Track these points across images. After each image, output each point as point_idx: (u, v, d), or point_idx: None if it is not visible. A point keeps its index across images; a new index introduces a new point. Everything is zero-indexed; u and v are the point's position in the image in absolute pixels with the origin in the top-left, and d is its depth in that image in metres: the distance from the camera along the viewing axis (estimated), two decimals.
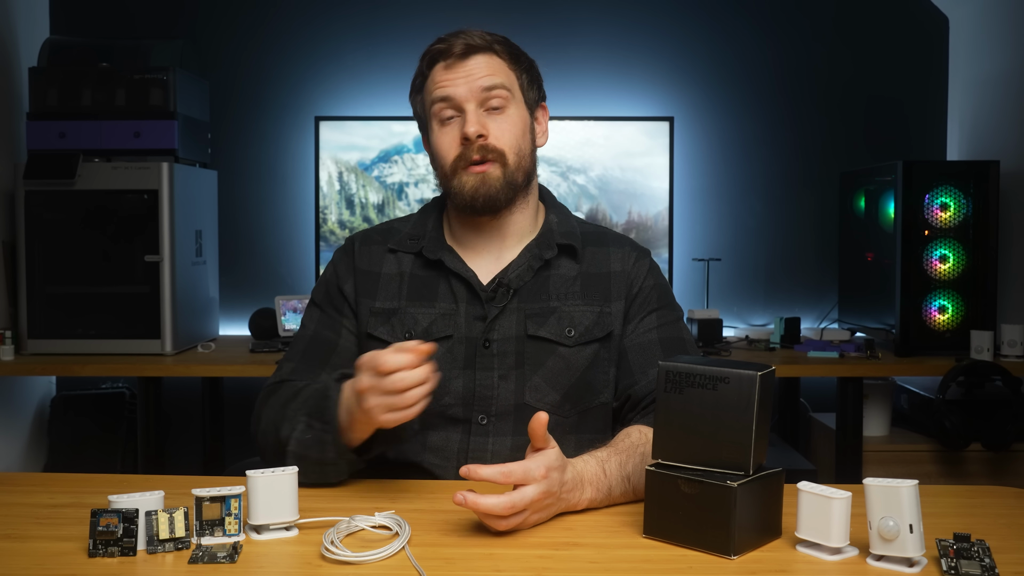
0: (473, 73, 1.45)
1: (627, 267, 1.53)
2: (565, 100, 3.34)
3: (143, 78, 2.92)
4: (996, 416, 2.76)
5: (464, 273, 1.48)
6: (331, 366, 1.48)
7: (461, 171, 1.45)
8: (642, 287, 1.52)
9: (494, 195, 1.45)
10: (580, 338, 1.47)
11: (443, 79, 1.46)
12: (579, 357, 1.47)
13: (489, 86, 1.45)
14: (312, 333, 1.53)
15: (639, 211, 3.23)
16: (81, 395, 3.26)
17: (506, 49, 1.49)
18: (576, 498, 1.22)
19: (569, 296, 1.49)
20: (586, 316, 1.48)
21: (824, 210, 3.45)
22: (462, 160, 1.45)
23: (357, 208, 3.23)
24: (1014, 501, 1.31)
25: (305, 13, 3.43)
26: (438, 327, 1.47)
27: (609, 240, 1.56)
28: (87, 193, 2.83)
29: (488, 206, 1.46)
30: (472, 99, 1.45)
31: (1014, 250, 3.07)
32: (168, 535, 1.08)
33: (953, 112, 3.46)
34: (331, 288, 1.55)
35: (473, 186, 1.44)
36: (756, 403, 1.07)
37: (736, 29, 3.44)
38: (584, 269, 1.52)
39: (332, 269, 1.57)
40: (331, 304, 1.54)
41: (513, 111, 1.48)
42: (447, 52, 1.46)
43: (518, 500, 1.13)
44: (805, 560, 1.07)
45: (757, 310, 3.47)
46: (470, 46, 1.46)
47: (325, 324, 1.53)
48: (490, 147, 1.45)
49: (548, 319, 1.47)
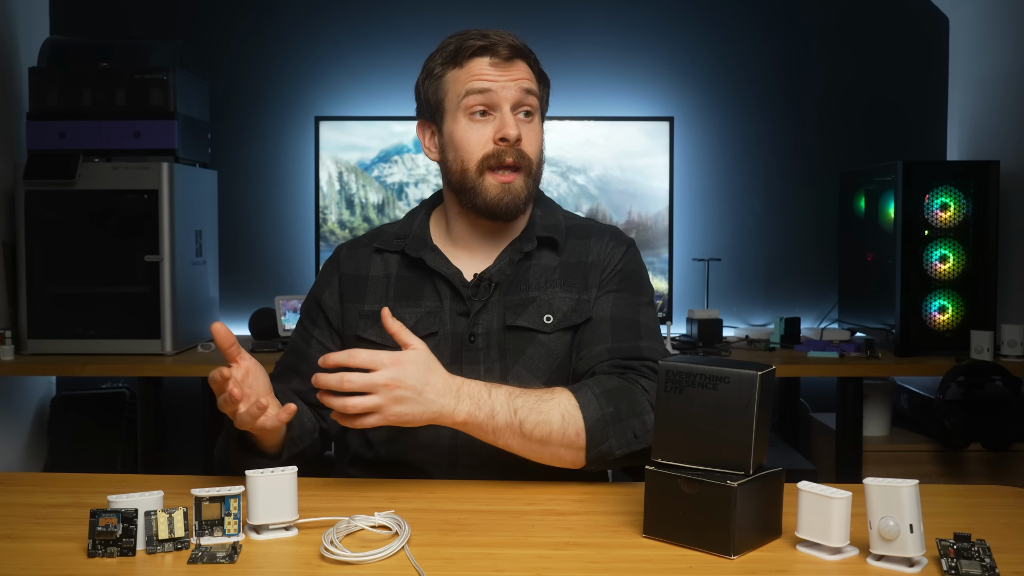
0: (514, 75, 1.46)
1: (603, 255, 1.53)
2: (565, 100, 3.34)
3: (143, 78, 2.92)
4: (996, 416, 2.76)
5: (445, 271, 1.49)
6: (299, 374, 1.53)
7: (488, 172, 1.45)
8: (612, 269, 1.52)
9: (518, 204, 1.46)
10: (558, 324, 1.47)
11: (484, 73, 1.45)
12: (559, 343, 1.47)
13: (527, 90, 1.47)
14: (291, 344, 1.59)
15: (639, 211, 3.23)
16: (81, 395, 3.26)
17: (536, 62, 1.52)
18: (449, 405, 1.28)
19: (548, 285, 1.50)
20: (564, 303, 1.48)
21: (824, 210, 3.45)
22: (493, 159, 1.45)
23: (357, 208, 3.23)
24: (1014, 501, 1.31)
25: (305, 13, 3.43)
26: (423, 325, 1.48)
27: (592, 232, 1.56)
28: (87, 193, 2.83)
29: (509, 214, 1.47)
30: (511, 100, 1.45)
31: (1014, 250, 3.07)
32: (167, 535, 1.08)
33: (953, 112, 3.46)
34: (310, 300, 1.58)
35: (498, 193, 1.45)
36: (756, 403, 1.07)
37: (736, 29, 3.45)
38: (564, 259, 1.52)
39: (316, 281, 1.61)
40: (307, 315, 1.58)
41: (537, 121, 1.51)
42: (491, 49, 1.45)
43: (354, 378, 1.23)
44: (805, 560, 1.07)
45: (757, 310, 3.47)
46: (515, 48, 1.47)
47: (299, 334, 1.58)
48: (524, 153, 1.46)
49: (527, 308, 1.48)
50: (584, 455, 1.34)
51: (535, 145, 1.48)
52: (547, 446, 1.33)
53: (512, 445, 1.33)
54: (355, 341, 1.50)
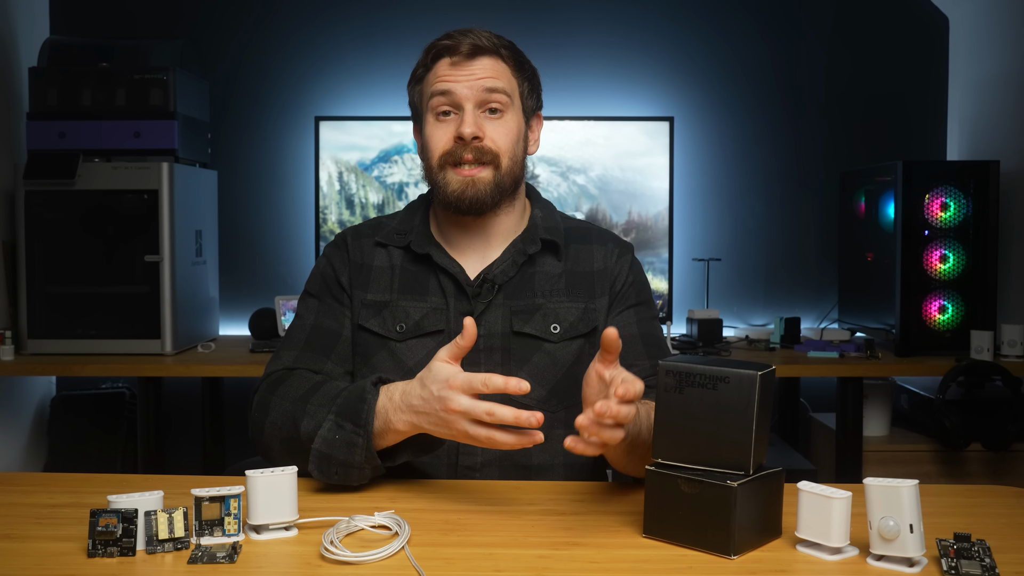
0: (476, 73, 1.46)
1: (610, 264, 1.54)
2: (565, 100, 3.34)
3: (143, 78, 2.92)
4: (996, 416, 2.76)
5: (451, 268, 1.49)
6: (336, 355, 1.49)
7: (448, 168, 1.47)
8: (624, 282, 1.54)
9: (482, 198, 1.46)
10: (565, 334, 1.48)
11: (446, 74, 1.46)
12: (565, 353, 1.48)
13: (490, 88, 1.46)
14: (313, 323, 1.52)
15: (639, 211, 3.22)
16: (81, 395, 3.26)
17: (512, 55, 1.51)
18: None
19: (554, 293, 1.50)
20: (571, 312, 1.49)
21: (824, 210, 3.45)
22: (451, 157, 1.46)
23: (357, 208, 3.23)
24: (1014, 501, 1.31)
25: (305, 13, 3.42)
26: (430, 321, 1.48)
27: (593, 237, 1.57)
28: (87, 193, 2.82)
29: (473, 208, 1.47)
30: (472, 99, 1.46)
31: (1014, 250, 3.07)
32: (167, 535, 1.08)
33: (953, 112, 3.46)
34: (328, 279, 1.55)
35: (460, 187, 1.45)
36: (756, 403, 1.07)
37: (736, 29, 3.44)
38: (568, 267, 1.53)
39: (327, 262, 1.57)
40: (330, 294, 1.54)
41: (510, 117, 1.49)
42: (453, 49, 1.47)
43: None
44: (805, 560, 1.07)
45: (757, 310, 3.47)
46: (477, 47, 1.47)
47: (326, 314, 1.52)
48: (485, 149, 1.46)
49: (533, 316, 1.48)
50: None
51: (503, 140, 1.47)
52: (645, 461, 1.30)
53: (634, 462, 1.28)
54: (356, 330, 1.50)
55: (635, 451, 1.27)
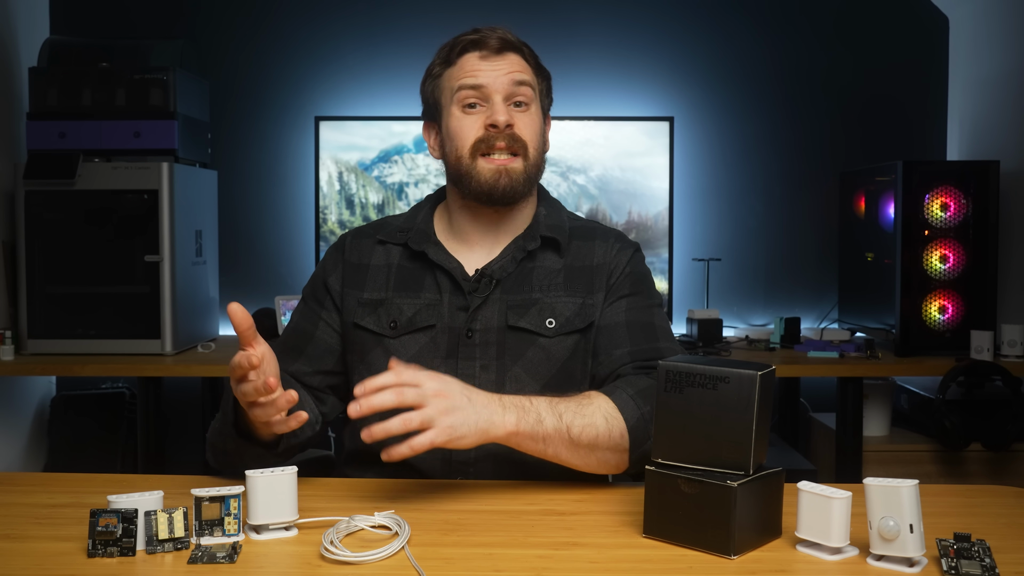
0: (505, 68, 1.48)
1: (609, 258, 1.54)
2: (565, 100, 3.31)
3: (143, 78, 2.92)
4: (996, 416, 2.76)
5: (447, 265, 1.50)
6: (306, 356, 1.52)
7: (480, 157, 1.47)
8: (621, 273, 1.53)
9: (516, 187, 1.47)
10: (560, 329, 1.47)
11: (475, 68, 1.48)
12: (560, 348, 1.47)
13: (519, 81, 1.49)
14: (292, 325, 1.58)
15: (639, 211, 3.23)
16: (81, 395, 3.26)
17: (532, 55, 1.54)
18: (498, 413, 1.25)
19: (552, 288, 1.50)
20: (567, 307, 1.49)
21: (824, 210, 3.45)
22: (483, 144, 1.47)
23: (357, 208, 3.23)
24: (1014, 501, 1.31)
25: (305, 13, 3.42)
26: (421, 317, 1.48)
27: (596, 234, 1.57)
28: (87, 193, 2.82)
29: (506, 197, 1.48)
30: (502, 91, 1.48)
31: (1014, 250, 3.07)
32: (167, 535, 1.08)
33: (953, 112, 3.46)
34: (316, 282, 1.58)
35: (492, 176, 1.46)
36: (756, 403, 1.07)
37: (736, 29, 3.44)
38: (568, 262, 1.53)
39: (321, 264, 1.61)
40: (314, 297, 1.57)
41: (534, 110, 1.52)
42: (481, 43, 1.49)
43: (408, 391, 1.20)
44: (805, 560, 1.07)
45: (757, 310, 3.47)
46: (506, 41, 1.49)
47: (305, 316, 1.57)
48: (517, 137, 1.47)
49: (529, 310, 1.48)
50: (628, 456, 1.34)
51: (530, 131, 1.49)
52: (595, 451, 1.32)
53: (561, 454, 1.31)
54: (352, 329, 1.51)
55: (575, 449, 1.30)
